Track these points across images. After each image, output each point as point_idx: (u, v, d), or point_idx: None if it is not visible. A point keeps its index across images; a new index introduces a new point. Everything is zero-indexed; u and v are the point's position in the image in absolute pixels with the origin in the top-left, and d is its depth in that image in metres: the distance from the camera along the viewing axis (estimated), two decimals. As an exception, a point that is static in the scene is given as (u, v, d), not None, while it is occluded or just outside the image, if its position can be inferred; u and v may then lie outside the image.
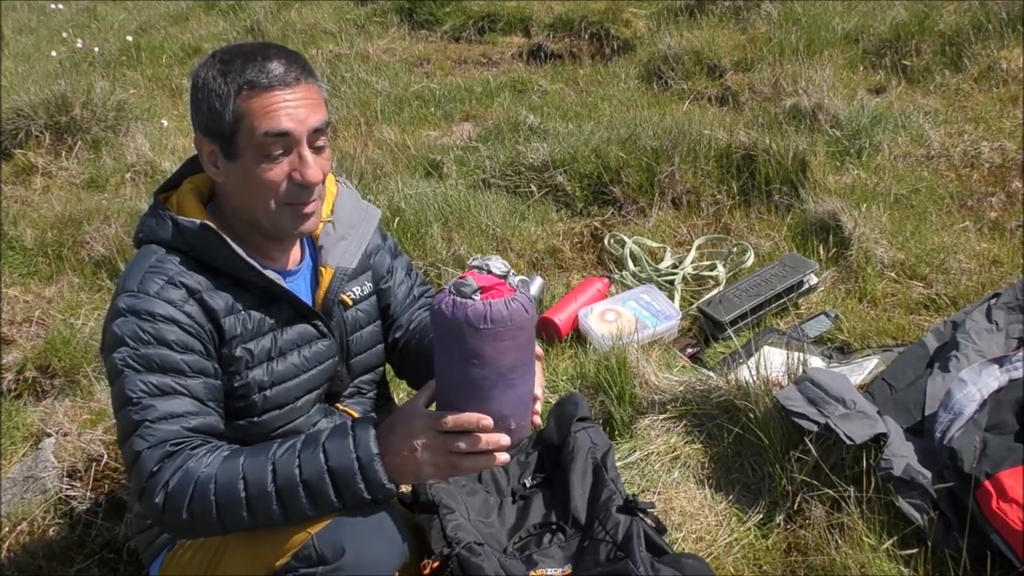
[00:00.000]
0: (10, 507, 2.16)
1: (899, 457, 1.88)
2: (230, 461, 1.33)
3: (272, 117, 1.39)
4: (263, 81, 1.38)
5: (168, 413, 1.36)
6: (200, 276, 1.44)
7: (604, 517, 1.71)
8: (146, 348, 1.37)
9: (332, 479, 1.32)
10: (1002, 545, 1.68)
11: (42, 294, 3.02)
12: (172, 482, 1.31)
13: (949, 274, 2.78)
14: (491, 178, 3.51)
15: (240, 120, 1.39)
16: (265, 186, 1.42)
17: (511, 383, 1.33)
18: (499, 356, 1.31)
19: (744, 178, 3.30)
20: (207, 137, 1.43)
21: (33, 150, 3.95)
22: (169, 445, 1.34)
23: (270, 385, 1.52)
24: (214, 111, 1.40)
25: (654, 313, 2.70)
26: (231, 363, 1.47)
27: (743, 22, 4.82)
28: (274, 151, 1.41)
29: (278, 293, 1.51)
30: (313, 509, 1.33)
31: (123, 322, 1.39)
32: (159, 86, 4.98)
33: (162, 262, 1.43)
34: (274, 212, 1.45)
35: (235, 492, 1.31)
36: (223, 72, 1.39)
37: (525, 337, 1.34)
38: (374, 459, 1.32)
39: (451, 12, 5.42)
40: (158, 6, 6.49)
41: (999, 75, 4.00)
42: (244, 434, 1.51)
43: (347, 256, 1.63)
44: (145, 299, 1.39)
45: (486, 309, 1.29)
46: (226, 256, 1.44)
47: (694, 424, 2.16)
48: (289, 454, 1.33)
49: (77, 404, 2.48)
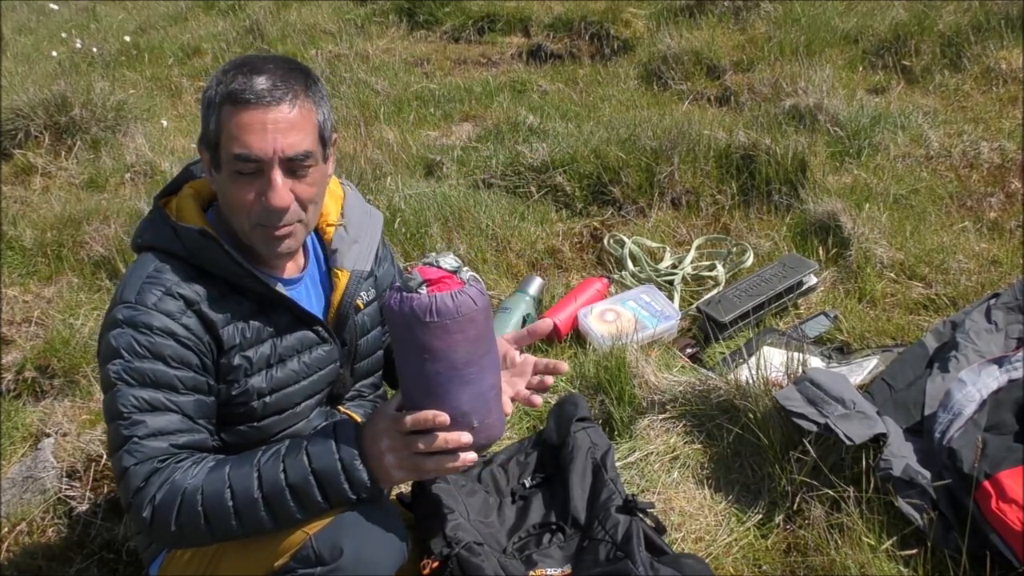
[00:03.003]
0: (9, 507, 2.16)
1: (898, 457, 1.88)
2: (216, 472, 1.34)
3: (242, 138, 1.34)
4: (244, 96, 1.33)
5: (157, 430, 1.36)
6: (198, 285, 1.43)
7: (604, 517, 1.71)
8: (140, 362, 1.37)
9: (317, 481, 1.33)
10: (1001, 545, 1.68)
11: (41, 294, 3.02)
12: (159, 496, 1.32)
13: (948, 274, 2.78)
14: (491, 178, 3.50)
15: (220, 133, 1.37)
16: (238, 204, 1.40)
17: (467, 379, 1.33)
18: (450, 350, 1.30)
19: (744, 178, 3.30)
20: (201, 144, 1.43)
21: (32, 150, 3.95)
22: (156, 462, 1.34)
23: (270, 392, 1.52)
24: (205, 119, 1.39)
25: (654, 313, 2.70)
26: (230, 371, 1.47)
27: (743, 22, 4.82)
28: (245, 170, 1.36)
29: (276, 300, 1.50)
30: (301, 512, 1.34)
31: (119, 334, 1.38)
32: (159, 86, 4.97)
33: (160, 272, 1.41)
34: (248, 231, 1.43)
35: (222, 502, 1.31)
36: (218, 79, 1.38)
37: (476, 330, 1.32)
38: (355, 459, 1.33)
39: (451, 12, 5.42)
40: (157, 6, 6.48)
41: (999, 75, 4.00)
42: (245, 439, 1.52)
43: (361, 259, 1.63)
44: (143, 311, 1.38)
45: (431, 302, 1.29)
46: (224, 262, 1.42)
47: (694, 424, 2.16)
48: (274, 460, 1.34)
49: (76, 404, 2.47)
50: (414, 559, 1.58)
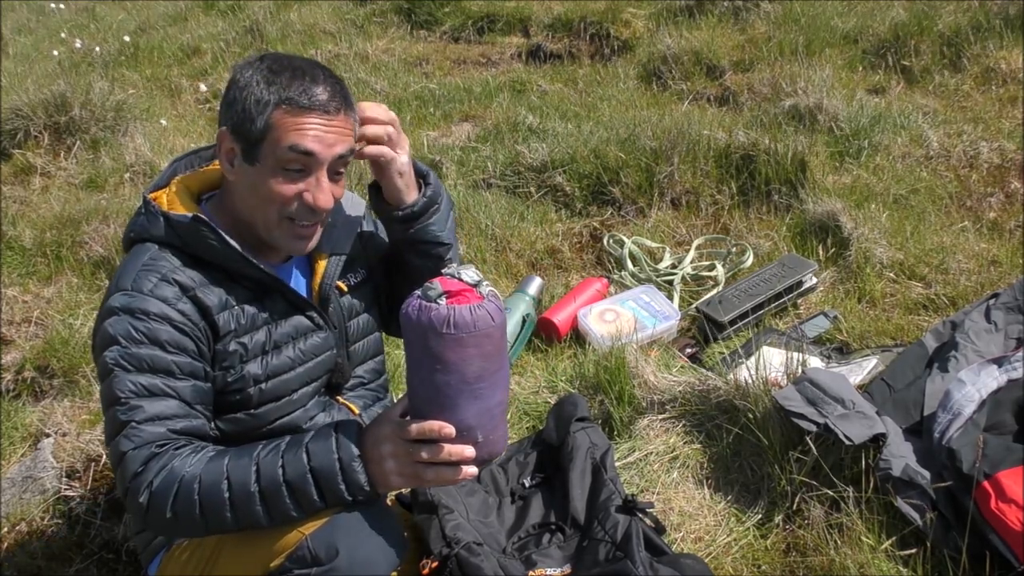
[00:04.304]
0: (9, 507, 2.16)
1: (898, 457, 1.88)
2: (214, 462, 1.34)
3: (302, 135, 1.39)
4: (304, 102, 1.39)
5: (155, 415, 1.37)
6: (193, 272, 1.45)
7: (603, 517, 1.71)
8: (138, 348, 1.38)
9: (314, 479, 1.33)
10: (1001, 545, 1.68)
11: (41, 294, 3.02)
12: (156, 481, 1.32)
13: (948, 274, 2.78)
14: (490, 178, 3.51)
15: (270, 131, 1.40)
16: (274, 198, 1.43)
17: (477, 393, 1.33)
18: (463, 363, 1.30)
19: (743, 178, 3.30)
20: (232, 135, 1.44)
21: (32, 150, 3.95)
22: (155, 447, 1.35)
23: (265, 378, 1.52)
24: (248, 114, 1.40)
25: (653, 313, 2.70)
26: (226, 358, 1.48)
27: (742, 22, 4.82)
28: (293, 167, 1.41)
29: (271, 285, 1.51)
30: (297, 510, 1.34)
31: (116, 321, 1.39)
32: (158, 86, 4.97)
33: (155, 259, 1.44)
34: (274, 224, 1.46)
35: (219, 492, 1.32)
36: (268, 80, 1.40)
37: (492, 346, 1.33)
38: (354, 460, 1.33)
39: (450, 12, 5.42)
40: (157, 6, 6.48)
41: (998, 75, 4.01)
42: (241, 427, 1.52)
43: (339, 243, 1.64)
44: (139, 297, 1.40)
45: (449, 313, 1.29)
46: (218, 249, 1.44)
47: (693, 424, 2.16)
48: (273, 455, 1.34)
49: (76, 404, 2.48)
50: (414, 559, 1.58)
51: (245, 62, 1.45)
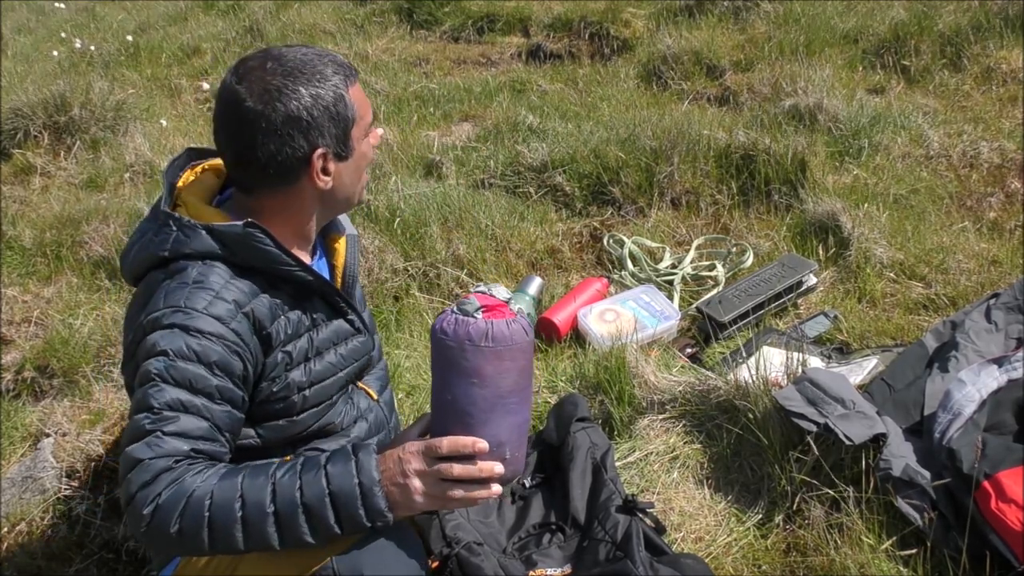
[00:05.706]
0: (9, 507, 2.16)
1: (898, 457, 1.88)
2: (228, 479, 1.30)
3: (366, 104, 1.53)
4: (347, 71, 1.49)
5: (183, 431, 1.33)
6: (242, 283, 1.43)
7: (603, 517, 1.71)
8: (185, 364, 1.35)
9: (333, 503, 1.29)
10: (1001, 545, 1.68)
11: (41, 294, 3.01)
12: (164, 495, 1.28)
13: (948, 274, 2.78)
14: (490, 178, 3.50)
15: (352, 112, 1.48)
16: (370, 157, 1.56)
17: (509, 408, 1.34)
18: (499, 377, 1.32)
19: (743, 178, 3.30)
20: (327, 148, 1.46)
21: (32, 150, 3.95)
22: (172, 461, 1.31)
23: (308, 385, 1.52)
24: (337, 115, 1.44)
25: (653, 313, 2.70)
26: (273, 368, 1.47)
27: (742, 22, 4.81)
28: (371, 119, 1.55)
29: (314, 287, 1.52)
30: (312, 534, 1.30)
31: (168, 334, 1.36)
32: (158, 86, 4.97)
33: (205, 275, 1.41)
34: (366, 182, 1.59)
35: (231, 511, 1.27)
36: (321, 76, 1.44)
37: (525, 361, 1.36)
38: (376, 485, 1.30)
39: (450, 12, 5.42)
40: (157, 6, 6.47)
41: (998, 75, 4.00)
42: (281, 434, 1.52)
43: (349, 223, 1.69)
44: (193, 315, 1.36)
45: (488, 327, 1.32)
46: (272, 254, 1.43)
47: (693, 424, 2.16)
48: (291, 476, 1.31)
49: (76, 404, 2.47)
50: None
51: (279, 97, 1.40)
